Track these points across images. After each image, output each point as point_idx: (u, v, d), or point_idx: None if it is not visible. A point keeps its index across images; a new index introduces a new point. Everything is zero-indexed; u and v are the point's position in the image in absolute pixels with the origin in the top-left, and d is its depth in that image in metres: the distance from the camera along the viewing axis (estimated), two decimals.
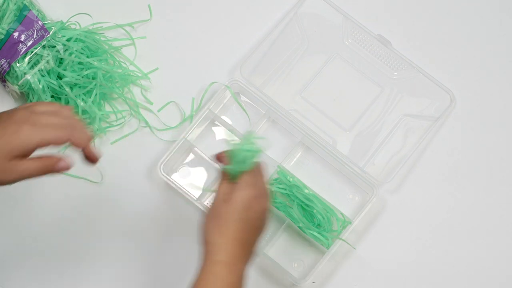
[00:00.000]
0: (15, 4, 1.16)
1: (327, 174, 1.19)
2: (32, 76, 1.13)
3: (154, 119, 1.21)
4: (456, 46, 1.25)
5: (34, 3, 1.17)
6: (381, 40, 1.21)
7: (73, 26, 1.19)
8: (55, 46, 1.15)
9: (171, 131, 1.21)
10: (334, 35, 1.23)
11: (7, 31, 1.14)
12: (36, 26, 1.15)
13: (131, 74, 1.21)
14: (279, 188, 1.16)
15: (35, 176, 0.92)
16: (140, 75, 1.22)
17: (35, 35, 1.14)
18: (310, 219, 1.16)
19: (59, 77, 1.15)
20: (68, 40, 1.16)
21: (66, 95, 1.15)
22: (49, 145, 0.91)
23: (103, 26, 1.22)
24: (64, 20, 1.18)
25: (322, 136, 1.19)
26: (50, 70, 1.14)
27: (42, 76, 1.14)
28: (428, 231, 1.18)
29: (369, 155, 1.19)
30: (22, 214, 1.17)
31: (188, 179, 1.19)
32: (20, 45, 1.14)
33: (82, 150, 0.94)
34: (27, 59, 1.14)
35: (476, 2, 1.26)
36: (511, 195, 1.20)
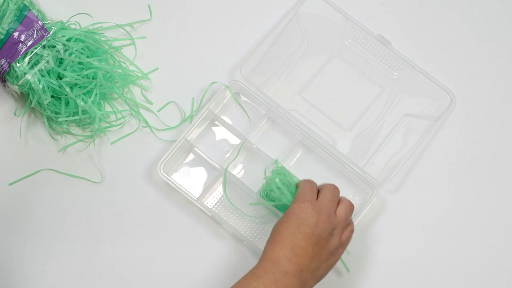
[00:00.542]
0: (15, 4, 1.16)
1: (327, 174, 1.19)
2: (32, 76, 1.13)
3: (154, 119, 1.21)
4: (456, 46, 1.25)
5: (34, 3, 1.17)
6: (381, 40, 1.21)
7: (73, 26, 1.18)
8: (55, 46, 1.15)
9: (171, 131, 1.21)
10: (334, 35, 1.23)
11: (7, 31, 1.14)
12: (36, 26, 1.15)
13: (131, 74, 1.21)
14: (278, 187, 1.15)
15: None
16: (140, 75, 1.22)
17: (35, 35, 1.14)
18: None
19: (59, 77, 1.15)
20: (68, 40, 1.15)
21: (66, 95, 1.15)
22: None
23: (103, 26, 1.22)
24: (64, 20, 1.18)
25: (322, 136, 1.19)
26: (50, 70, 1.14)
27: (42, 76, 1.14)
28: (428, 231, 1.18)
29: (369, 155, 1.19)
30: (22, 214, 1.17)
31: (188, 179, 1.19)
32: (20, 45, 1.14)
33: None
34: (27, 59, 1.14)
35: (476, 2, 1.26)
36: (511, 195, 1.20)
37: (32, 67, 1.14)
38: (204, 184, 1.19)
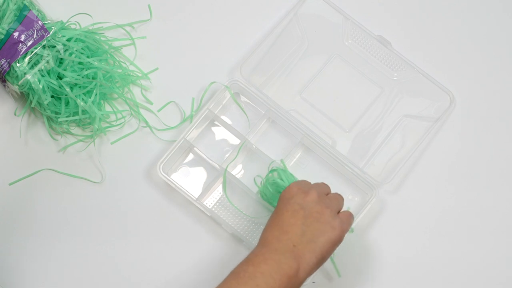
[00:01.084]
0: (15, 4, 1.16)
1: (326, 175, 1.19)
2: (32, 76, 1.13)
3: (154, 119, 1.21)
4: (456, 47, 1.25)
5: (34, 3, 1.17)
6: (381, 41, 1.21)
7: (73, 26, 1.18)
8: (55, 46, 1.15)
9: (171, 131, 1.21)
10: (334, 36, 1.23)
11: (7, 31, 1.14)
12: (36, 26, 1.15)
13: (131, 74, 1.21)
14: (278, 188, 1.16)
15: None
16: (140, 75, 1.22)
17: (35, 35, 1.14)
18: None
19: (59, 77, 1.15)
20: (68, 40, 1.16)
21: (66, 95, 1.15)
22: None
23: (103, 26, 1.22)
24: (64, 20, 1.18)
25: (321, 137, 1.19)
26: (50, 70, 1.14)
27: (42, 76, 1.14)
28: (427, 231, 1.18)
29: (368, 156, 1.19)
30: (22, 214, 1.17)
31: (187, 179, 1.19)
32: (20, 45, 1.14)
33: None
34: (27, 59, 1.14)
35: (476, 2, 1.26)
36: (511, 195, 1.20)
37: (32, 67, 1.14)
38: (203, 184, 1.19)
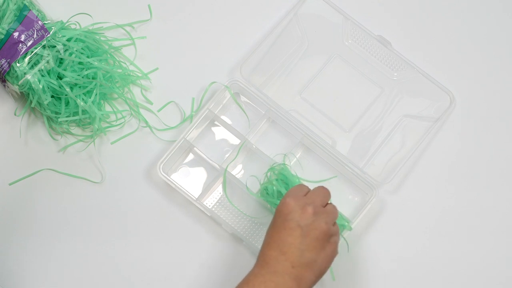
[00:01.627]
0: (15, 4, 1.16)
1: (326, 175, 1.19)
2: (32, 76, 1.13)
3: (154, 119, 1.21)
4: (456, 47, 1.25)
5: (34, 3, 1.17)
6: (381, 41, 1.21)
7: (73, 26, 1.19)
8: (55, 46, 1.15)
9: (171, 131, 1.21)
10: (334, 36, 1.23)
11: (7, 31, 1.14)
12: (36, 26, 1.15)
13: (131, 74, 1.21)
14: (277, 188, 1.16)
15: None
16: (140, 75, 1.22)
17: (35, 35, 1.14)
18: None
19: (59, 77, 1.15)
20: (68, 40, 1.16)
21: (66, 95, 1.15)
22: None
23: (103, 26, 1.22)
24: (64, 20, 1.18)
25: (321, 137, 1.19)
26: (50, 70, 1.14)
27: (42, 76, 1.14)
28: (427, 231, 1.18)
29: (368, 156, 1.19)
30: (22, 214, 1.17)
31: (187, 179, 1.19)
32: (20, 45, 1.14)
33: None
34: (27, 59, 1.14)
35: (476, 3, 1.26)
36: (511, 195, 1.20)
37: (32, 67, 1.14)
38: (203, 184, 1.19)
